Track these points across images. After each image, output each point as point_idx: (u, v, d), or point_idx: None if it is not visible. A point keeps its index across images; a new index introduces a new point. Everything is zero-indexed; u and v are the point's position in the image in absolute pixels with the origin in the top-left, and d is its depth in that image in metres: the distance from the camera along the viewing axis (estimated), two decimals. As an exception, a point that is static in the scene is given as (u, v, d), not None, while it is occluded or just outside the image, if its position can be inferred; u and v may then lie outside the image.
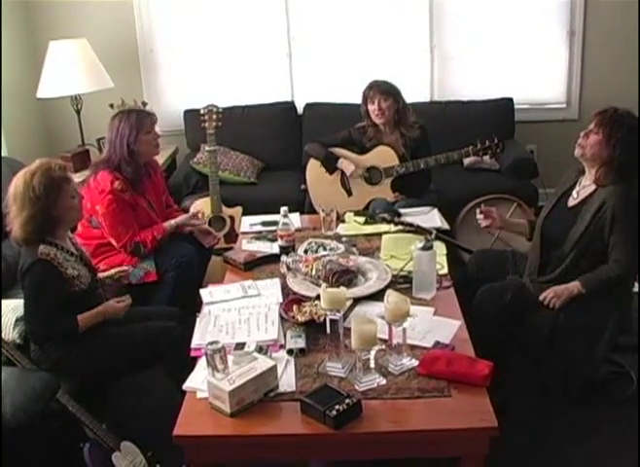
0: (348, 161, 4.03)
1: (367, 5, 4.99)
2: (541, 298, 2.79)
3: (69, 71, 4.48)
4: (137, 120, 3.30)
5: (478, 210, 3.11)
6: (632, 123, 2.69)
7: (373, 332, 2.12)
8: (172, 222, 3.46)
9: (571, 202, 2.87)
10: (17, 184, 2.60)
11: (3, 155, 4.26)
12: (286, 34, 5.08)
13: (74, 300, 2.65)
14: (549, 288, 2.78)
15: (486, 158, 4.12)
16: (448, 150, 3.96)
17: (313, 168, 4.19)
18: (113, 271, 3.02)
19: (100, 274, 2.97)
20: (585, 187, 2.83)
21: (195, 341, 2.47)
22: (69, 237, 2.82)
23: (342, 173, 4.08)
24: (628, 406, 2.99)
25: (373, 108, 3.91)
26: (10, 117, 4.52)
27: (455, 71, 5.14)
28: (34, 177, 2.57)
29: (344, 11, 5.02)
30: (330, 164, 4.09)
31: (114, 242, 3.32)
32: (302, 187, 4.37)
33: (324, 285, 2.41)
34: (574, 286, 2.76)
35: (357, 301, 2.64)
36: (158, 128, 3.49)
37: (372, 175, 4.05)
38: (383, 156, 4.00)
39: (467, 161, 4.50)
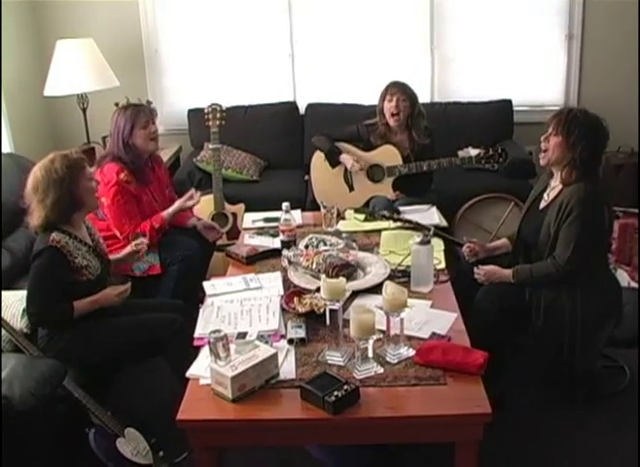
0: (350, 156, 4.09)
1: (368, 7, 5.06)
2: (476, 276, 2.94)
3: (76, 70, 4.55)
4: (132, 114, 3.41)
5: (464, 247, 3.18)
6: (587, 120, 2.76)
7: (371, 321, 2.19)
8: (170, 210, 3.51)
9: (542, 205, 2.95)
10: (35, 175, 2.68)
11: (10, 151, 4.33)
12: (289, 35, 5.15)
13: (80, 289, 2.71)
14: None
15: (488, 165, 4.15)
16: (449, 153, 4.03)
17: (318, 160, 4.26)
18: (128, 249, 3.06)
19: (115, 256, 3.04)
20: (553, 188, 2.91)
21: (199, 331, 2.53)
22: (86, 226, 2.88)
23: (346, 168, 4.14)
24: (622, 399, 3.06)
25: (389, 105, 3.95)
26: (17, 114, 4.59)
27: (455, 73, 5.21)
28: (54, 162, 2.66)
29: (346, 13, 5.09)
30: (333, 158, 4.15)
31: (117, 233, 3.39)
32: (306, 177, 4.43)
33: (324, 276, 2.47)
34: (507, 275, 2.89)
35: (356, 294, 2.71)
36: (161, 126, 3.56)
37: (374, 172, 4.11)
38: (388, 154, 4.06)
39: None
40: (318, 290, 2.52)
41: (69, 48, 4.55)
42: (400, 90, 3.94)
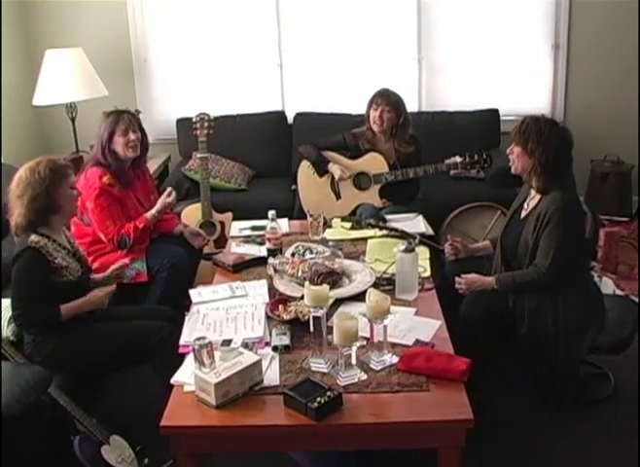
0: (337, 166, 4.12)
1: (356, 17, 5.11)
2: (457, 285, 2.96)
3: (64, 79, 4.58)
4: (112, 121, 3.43)
5: (447, 244, 3.23)
6: (538, 128, 2.80)
7: (355, 328, 2.20)
8: (152, 211, 3.53)
9: (522, 214, 2.99)
10: (19, 175, 2.72)
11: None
12: (277, 45, 5.19)
13: (62, 290, 2.71)
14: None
15: (473, 171, 4.20)
16: (435, 161, 4.05)
17: (305, 170, 4.28)
18: (109, 271, 3.08)
19: (97, 276, 3.03)
20: (533, 197, 2.95)
21: (184, 339, 2.54)
22: (65, 234, 2.89)
23: (332, 177, 4.17)
24: (607, 405, 3.07)
25: (374, 114, 3.99)
26: (6, 123, 4.59)
27: (443, 82, 5.27)
28: (39, 164, 2.71)
29: (334, 23, 5.14)
30: (320, 167, 4.18)
31: (102, 236, 3.41)
32: (293, 187, 4.46)
33: (307, 283, 2.49)
34: (490, 282, 2.92)
35: (341, 301, 2.72)
36: (150, 136, 3.59)
37: (361, 180, 4.13)
38: (374, 162, 4.08)
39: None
40: (303, 297, 2.53)
41: (58, 57, 4.58)
42: (385, 102, 3.97)
